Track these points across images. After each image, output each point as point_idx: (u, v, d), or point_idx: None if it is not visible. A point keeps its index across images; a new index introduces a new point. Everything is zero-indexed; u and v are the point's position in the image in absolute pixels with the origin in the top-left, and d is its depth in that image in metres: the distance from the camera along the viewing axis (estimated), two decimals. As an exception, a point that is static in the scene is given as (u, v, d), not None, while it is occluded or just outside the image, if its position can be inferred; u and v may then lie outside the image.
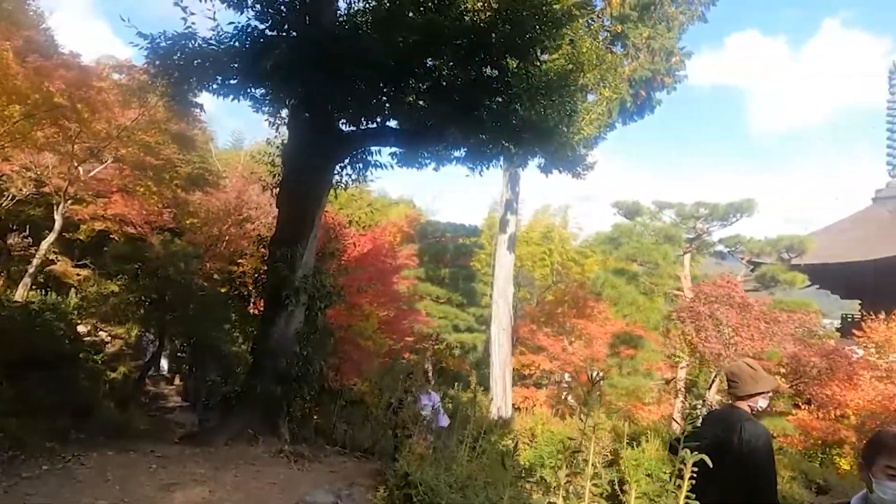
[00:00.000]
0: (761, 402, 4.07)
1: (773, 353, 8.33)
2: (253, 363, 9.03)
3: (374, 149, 9.19)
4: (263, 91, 8.51)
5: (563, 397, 23.04)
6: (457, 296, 23.40)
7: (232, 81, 8.07)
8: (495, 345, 19.82)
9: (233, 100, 8.29)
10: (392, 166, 9.09)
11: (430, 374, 23.41)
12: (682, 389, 16.32)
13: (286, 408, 8.45)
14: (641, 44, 15.92)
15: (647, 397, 19.32)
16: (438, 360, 25.29)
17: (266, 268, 8.91)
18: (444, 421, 9.01)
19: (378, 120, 8.57)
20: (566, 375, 24.70)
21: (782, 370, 8.70)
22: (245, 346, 12.21)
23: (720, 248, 17.52)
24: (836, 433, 10.14)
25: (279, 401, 8.37)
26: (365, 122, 8.78)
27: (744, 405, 3.92)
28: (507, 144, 8.24)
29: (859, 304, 22.83)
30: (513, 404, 19.75)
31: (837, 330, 22.17)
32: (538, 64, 7.08)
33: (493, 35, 6.77)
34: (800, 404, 13.42)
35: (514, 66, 7.15)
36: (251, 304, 11.07)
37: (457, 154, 9.15)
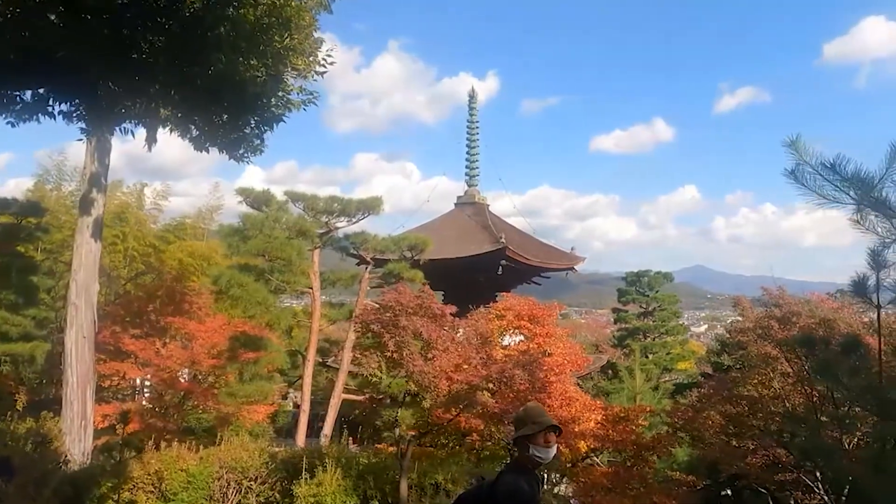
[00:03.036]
0: (539, 451, 3.45)
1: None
2: None
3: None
4: None
5: (153, 408, 19.95)
6: (8, 294, 17.62)
7: None
8: (72, 357, 15.48)
9: None
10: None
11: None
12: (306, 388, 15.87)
13: None
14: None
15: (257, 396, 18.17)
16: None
17: None
18: None
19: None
20: (146, 380, 21.70)
21: (491, 385, 8.89)
22: None
23: (345, 244, 17.68)
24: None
25: None
26: None
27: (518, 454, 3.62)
28: (166, 102, 6.10)
29: (443, 296, 26.64)
30: (95, 427, 15.92)
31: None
32: (235, 5, 5.27)
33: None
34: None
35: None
36: None
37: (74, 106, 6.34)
